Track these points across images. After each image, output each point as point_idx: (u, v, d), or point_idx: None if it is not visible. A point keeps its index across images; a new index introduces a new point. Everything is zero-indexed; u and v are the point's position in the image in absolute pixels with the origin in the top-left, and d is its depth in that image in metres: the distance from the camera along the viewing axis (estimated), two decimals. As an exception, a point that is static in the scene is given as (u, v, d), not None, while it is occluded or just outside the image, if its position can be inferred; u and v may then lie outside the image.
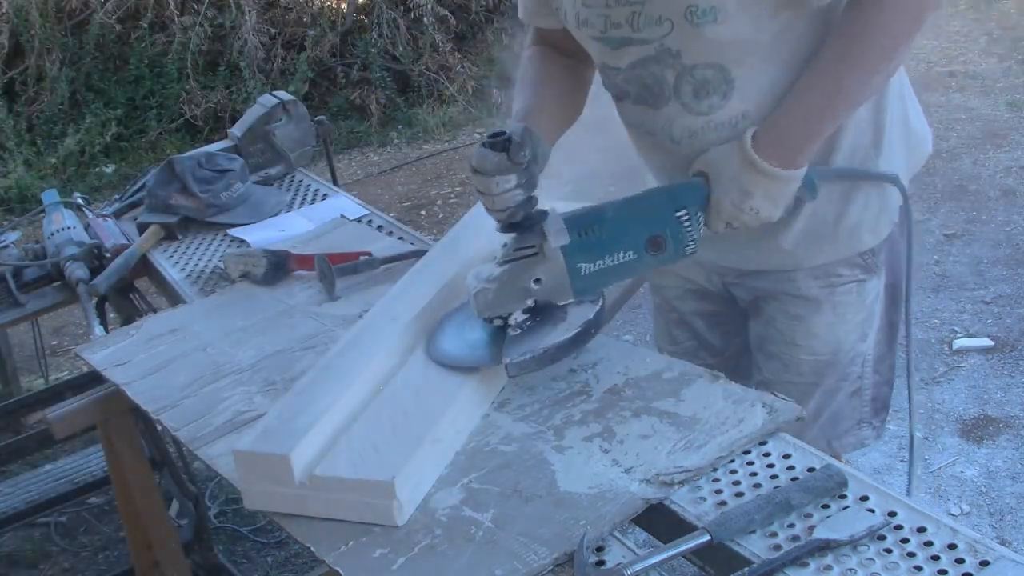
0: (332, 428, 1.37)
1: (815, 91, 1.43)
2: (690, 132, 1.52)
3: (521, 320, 1.48)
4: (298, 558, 2.88)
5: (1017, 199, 4.39)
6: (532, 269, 1.46)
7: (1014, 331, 3.44)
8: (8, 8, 6.32)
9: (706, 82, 1.46)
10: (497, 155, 1.41)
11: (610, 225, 1.46)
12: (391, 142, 6.34)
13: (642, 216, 1.47)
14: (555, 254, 1.44)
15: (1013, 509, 2.69)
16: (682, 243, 1.47)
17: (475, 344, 1.50)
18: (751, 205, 1.45)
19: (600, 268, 1.46)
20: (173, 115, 6.41)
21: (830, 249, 1.60)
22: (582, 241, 1.45)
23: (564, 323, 1.46)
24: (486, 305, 1.48)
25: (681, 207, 1.46)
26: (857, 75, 1.41)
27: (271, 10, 6.86)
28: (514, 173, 1.41)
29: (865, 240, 1.61)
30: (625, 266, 1.47)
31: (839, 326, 1.65)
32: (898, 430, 3.01)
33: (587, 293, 1.48)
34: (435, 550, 1.20)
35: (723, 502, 1.22)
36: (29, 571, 2.99)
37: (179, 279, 2.20)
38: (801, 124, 1.44)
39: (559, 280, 1.46)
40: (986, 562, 1.06)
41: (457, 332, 1.55)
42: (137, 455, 2.11)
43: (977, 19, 6.69)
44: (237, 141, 2.71)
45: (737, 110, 1.48)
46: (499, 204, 1.43)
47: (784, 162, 1.43)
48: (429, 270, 1.75)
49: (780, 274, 1.65)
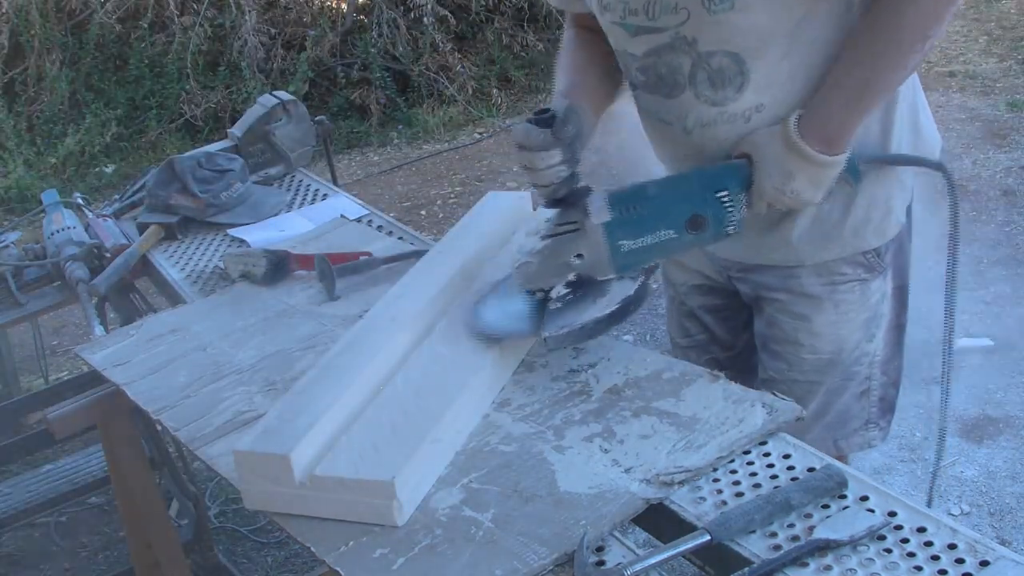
0: (332, 428, 1.37)
1: (853, 74, 1.43)
2: (703, 123, 1.52)
3: (562, 294, 1.50)
4: (298, 558, 2.88)
5: (1017, 199, 4.39)
6: (574, 244, 1.47)
7: (1014, 331, 3.43)
8: (8, 8, 6.31)
9: (721, 71, 1.46)
10: (542, 131, 1.43)
11: (652, 203, 1.47)
12: (391, 142, 6.34)
13: (684, 195, 1.48)
14: (597, 230, 1.46)
15: (1013, 509, 2.69)
16: (723, 223, 1.48)
17: (516, 315, 1.52)
18: (793, 188, 1.46)
19: (641, 245, 1.47)
20: (173, 115, 6.41)
21: (834, 247, 1.61)
22: (624, 218, 1.46)
23: (604, 299, 1.48)
24: (528, 278, 1.50)
25: (723, 187, 1.47)
26: (894, 55, 1.42)
27: (271, 10, 6.86)
28: (558, 148, 1.43)
29: (869, 240, 1.61)
30: (666, 244, 1.48)
31: (842, 325, 1.65)
32: (898, 430, 3.01)
33: (628, 270, 1.50)
34: (435, 550, 1.20)
35: (723, 502, 1.22)
36: (29, 571, 2.99)
37: (179, 279, 2.20)
38: (841, 108, 1.44)
39: (600, 256, 1.47)
40: (986, 562, 1.06)
41: (499, 303, 1.57)
42: (137, 455, 2.11)
43: (977, 19, 6.69)
44: (237, 141, 2.71)
45: (751, 102, 1.48)
46: (543, 179, 1.45)
47: (826, 146, 1.44)
48: (429, 270, 1.75)
49: (783, 270, 1.65)
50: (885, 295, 1.67)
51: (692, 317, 1.89)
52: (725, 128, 1.51)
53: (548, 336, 1.46)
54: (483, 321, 1.54)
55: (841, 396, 1.71)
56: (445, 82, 6.59)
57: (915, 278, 1.73)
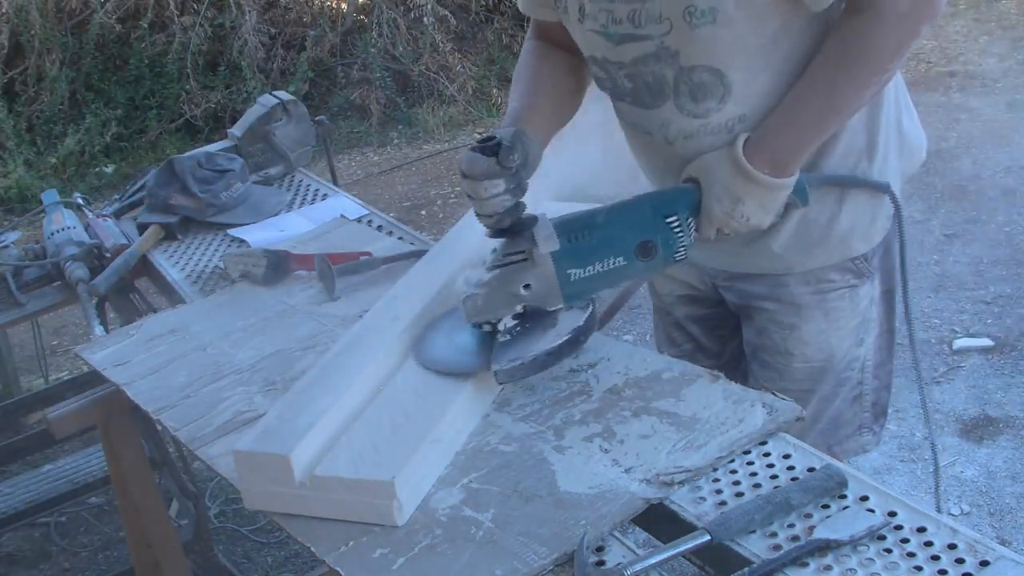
0: (332, 428, 1.37)
1: (808, 100, 1.43)
2: (685, 134, 1.51)
3: (511, 326, 1.47)
4: (298, 558, 2.88)
5: (1017, 199, 4.39)
6: (522, 275, 1.45)
7: (1014, 331, 3.43)
8: (8, 8, 6.32)
9: (703, 85, 1.46)
10: (486, 159, 1.40)
11: (600, 231, 1.45)
12: (391, 142, 6.34)
13: (632, 222, 1.46)
14: (545, 260, 1.43)
15: (1013, 509, 2.69)
16: (672, 249, 1.47)
17: (465, 349, 1.49)
18: (742, 212, 1.45)
19: (590, 274, 1.45)
20: (173, 115, 6.41)
21: (821, 254, 1.59)
22: (572, 247, 1.44)
23: (554, 329, 1.45)
24: (476, 310, 1.46)
25: (671, 213, 1.46)
26: (852, 86, 1.41)
27: (271, 10, 6.86)
28: (502, 178, 1.40)
29: (857, 246, 1.60)
30: (615, 272, 1.46)
31: (832, 333, 1.64)
32: (898, 430, 3.01)
33: (577, 299, 1.48)
34: (435, 550, 1.20)
35: (723, 502, 1.22)
36: (29, 571, 2.99)
37: (179, 279, 2.20)
38: (793, 133, 1.44)
39: (549, 286, 1.45)
40: (986, 562, 1.06)
41: (447, 337, 1.53)
42: (137, 455, 2.11)
43: (977, 19, 6.69)
44: (237, 141, 2.71)
45: (733, 114, 1.47)
46: (487, 209, 1.42)
47: (775, 170, 1.43)
48: (429, 270, 1.75)
49: (770, 278, 1.63)
50: (873, 300, 1.66)
51: (678, 327, 1.88)
52: (709, 140, 1.50)
53: (498, 370, 1.41)
54: (430, 356, 1.51)
55: (833, 402, 1.70)
56: (445, 82, 6.59)
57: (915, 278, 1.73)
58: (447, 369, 1.47)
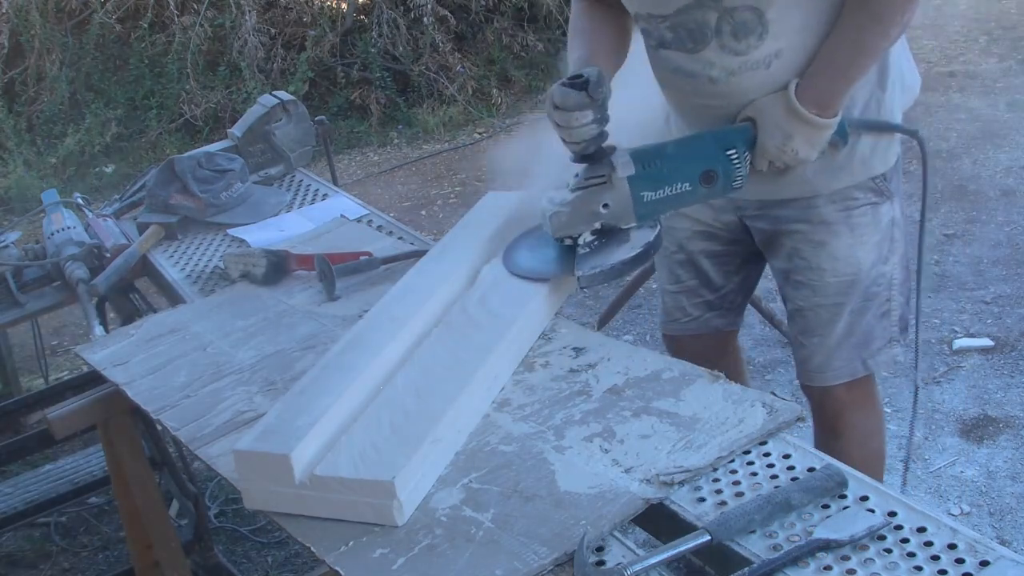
0: (332, 428, 1.37)
1: (843, 46, 1.61)
2: (728, 71, 1.67)
3: (590, 240, 1.67)
4: (298, 558, 2.87)
5: (1017, 199, 4.39)
6: (601, 195, 1.64)
7: (1014, 331, 3.43)
8: (8, 8, 6.31)
9: (744, 23, 1.62)
10: (578, 93, 1.57)
11: (670, 159, 1.66)
12: (391, 142, 6.34)
13: (697, 153, 1.67)
14: (622, 183, 1.63)
15: (1013, 509, 2.69)
16: (731, 178, 1.67)
17: (548, 259, 1.70)
18: (792, 147, 1.64)
19: (661, 196, 1.65)
20: (173, 115, 6.40)
21: (845, 176, 1.76)
22: (646, 172, 1.64)
23: (627, 244, 1.65)
24: (560, 225, 1.67)
25: (731, 146, 1.66)
26: (878, 28, 1.60)
27: (271, 10, 6.86)
28: (591, 109, 1.57)
29: (876, 166, 1.77)
30: (682, 195, 1.67)
31: (858, 247, 1.80)
32: (898, 430, 3.01)
33: (648, 218, 1.67)
34: (435, 550, 1.20)
35: (723, 502, 1.22)
36: (29, 571, 2.98)
37: (179, 279, 2.20)
38: (834, 76, 1.62)
39: (624, 206, 1.65)
40: (986, 562, 1.07)
41: (531, 249, 1.75)
42: (137, 455, 2.11)
43: (977, 19, 6.68)
44: (237, 141, 2.71)
45: (771, 49, 1.64)
46: (576, 136, 1.60)
47: (821, 110, 1.62)
48: (429, 270, 1.75)
49: (801, 202, 1.79)
50: (894, 220, 1.82)
51: (687, 263, 2.02)
52: (749, 75, 1.66)
53: (582, 275, 1.62)
54: (519, 265, 1.72)
55: (864, 316, 1.85)
56: (445, 82, 6.59)
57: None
58: (534, 275, 1.69)
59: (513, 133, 6.15)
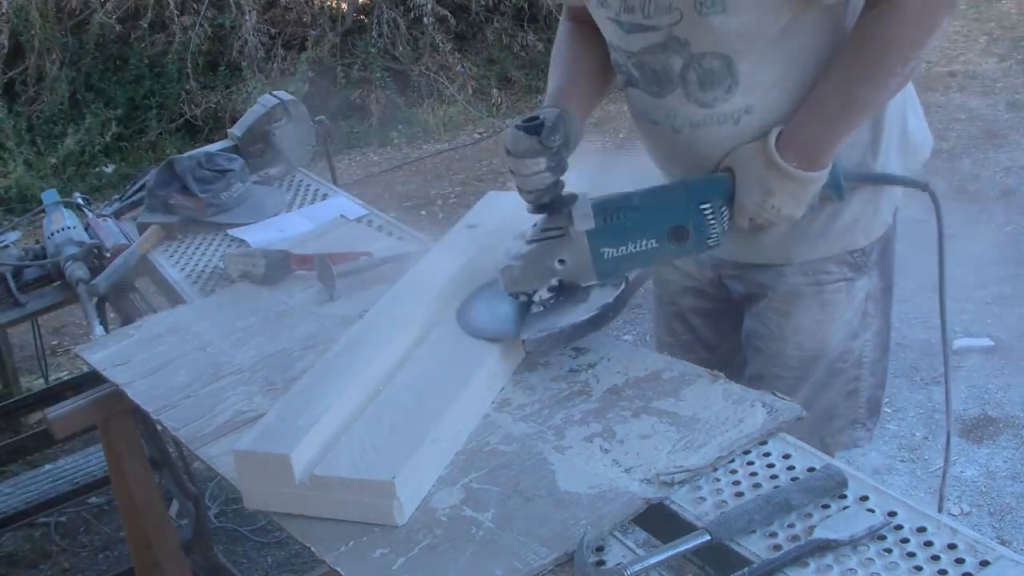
0: (332, 428, 1.37)
1: (832, 95, 1.45)
2: (692, 123, 1.54)
3: (545, 298, 1.54)
4: (298, 558, 2.87)
5: (1017, 199, 4.39)
6: (557, 250, 1.51)
7: (1014, 331, 3.43)
8: (8, 8, 6.31)
9: (712, 72, 1.48)
10: (529, 138, 1.46)
11: (635, 212, 1.50)
12: (391, 142, 6.34)
13: (667, 206, 1.51)
14: (580, 237, 1.50)
15: (1013, 509, 2.69)
16: (704, 235, 1.50)
17: (501, 317, 1.57)
18: (773, 203, 1.48)
19: (623, 253, 1.51)
20: (173, 115, 6.40)
21: (821, 246, 1.62)
22: (607, 226, 1.49)
23: (584, 304, 1.52)
24: (512, 281, 1.54)
25: (705, 200, 1.50)
26: (872, 80, 1.43)
27: (271, 10, 6.86)
28: (544, 156, 1.46)
29: (857, 239, 1.63)
30: (647, 253, 1.51)
31: (826, 324, 1.67)
32: (898, 430, 3.01)
33: (610, 277, 1.53)
34: (435, 550, 1.20)
35: (723, 502, 1.22)
36: (29, 571, 2.99)
37: (179, 279, 2.20)
38: (820, 127, 1.46)
39: (583, 262, 1.51)
40: (986, 562, 1.06)
41: (487, 305, 1.62)
42: (137, 455, 2.11)
43: (977, 19, 6.69)
44: (237, 141, 2.71)
45: (740, 104, 1.50)
46: (529, 185, 1.49)
47: (805, 163, 1.46)
48: (429, 270, 1.75)
49: (773, 268, 1.67)
50: (870, 295, 1.68)
51: (679, 318, 1.91)
52: (715, 129, 1.52)
53: (526, 339, 1.50)
54: (468, 321, 1.59)
55: (827, 393, 1.72)
56: (445, 82, 6.59)
57: (916, 278, 1.74)
58: (480, 334, 1.55)
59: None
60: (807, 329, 1.67)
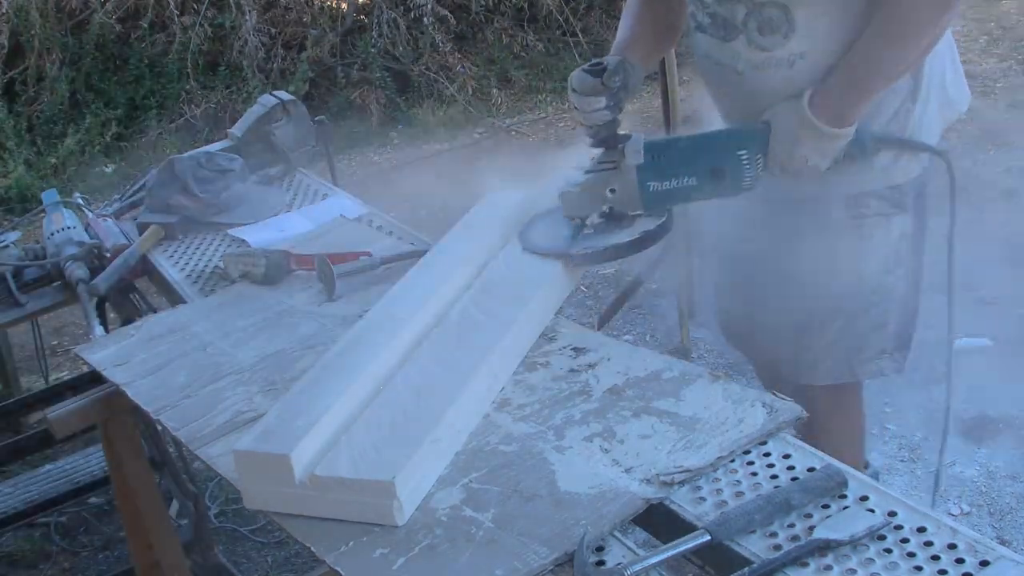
0: (332, 428, 1.37)
1: (862, 61, 1.62)
2: (753, 64, 1.72)
3: (596, 222, 1.75)
4: (298, 558, 2.87)
5: (1017, 199, 4.38)
6: (610, 180, 1.72)
7: (1014, 331, 3.43)
8: (8, 8, 6.31)
9: (770, 20, 1.67)
10: (593, 79, 1.67)
11: (680, 153, 1.70)
12: (391, 142, 6.33)
13: (708, 149, 1.70)
14: (630, 171, 1.70)
15: (1013, 509, 2.69)
16: (740, 178, 1.68)
17: (556, 237, 1.77)
18: (800, 154, 1.66)
19: (666, 188, 1.70)
20: (173, 115, 6.40)
21: (863, 180, 1.77)
22: (654, 163, 1.69)
23: (628, 229, 1.71)
24: (569, 204, 1.76)
25: (743, 147, 1.67)
26: (894, 50, 1.61)
27: (271, 10, 6.85)
28: (604, 95, 1.67)
29: (895, 176, 1.78)
30: (688, 189, 1.70)
31: (864, 255, 1.81)
32: (898, 430, 3.01)
33: (654, 208, 1.72)
34: (435, 550, 1.20)
35: (723, 502, 1.22)
36: (29, 571, 2.99)
37: (179, 279, 2.20)
38: (849, 89, 1.63)
39: (631, 193, 1.72)
40: (986, 562, 1.07)
41: (546, 227, 1.82)
42: (137, 455, 2.11)
43: (977, 19, 6.68)
44: (237, 141, 2.71)
45: (795, 50, 1.68)
46: (589, 120, 1.70)
47: (832, 121, 1.63)
48: (429, 270, 1.75)
49: (815, 203, 1.80)
50: (904, 234, 1.82)
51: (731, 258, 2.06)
52: (772, 72, 1.70)
53: (575, 253, 1.70)
54: (527, 239, 1.79)
55: (858, 324, 1.86)
56: (445, 82, 6.59)
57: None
58: (537, 251, 1.75)
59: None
60: (846, 261, 1.81)
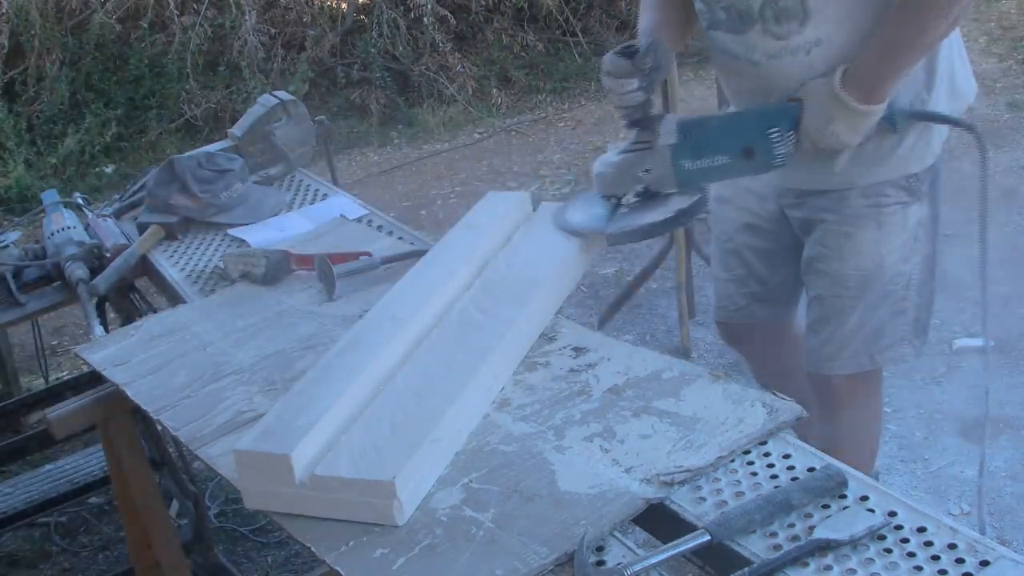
0: (332, 428, 1.37)
1: (890, 38, 1.65)
2: (769, 54, 1.76)
3: (632, 201, 1.78)
4: (298, 558, 2.87)
5: (1017, 199, 4.39)
6: (644, 160, 1.75)
7: (1014, 331, 3.43)
8: (8, 8, 6.31)
9: (786, 9, 1.70)
10: (625, 61, 1.70)
11: (713, 132, 1.74)
12: (391, 142, 6.33)
13: (740, 128, 1.74)
14: (664, 150, 1.74)
15: (1013, 509, 2.69)
16: (771, 156, 1.71)
17: (593, 216, 1.80)
18: (832, 130, 1.69)
19: (699, 167, 1.74)
20: (173, 115, 6.40)
21: (881, 170, 1.82)
22: (687, 142, 1.73)
23: (662, 208, 1.74)
24: (605, 184, 1.80)
25: (774, 125, 1.70)
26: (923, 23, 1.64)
27: (271, 10, 6.85)
28: (636, 77, 1.70)
29: (912, 165, 1.83)
30: (721, 168, 1.74)
31: (883, 243, 1.85)
32: (898, 430, 3.01)
33: (687, 186, 1.75)
34: (435, 550, 1.20)
35: (723, 502, 1.22)
36: (29, 571, 2.99)
37: (179, 279, 2.20)
38: (878, 66, 1.66)
39: (665, 172, 1.75)
40: (986, 562, 1.07)
41: (583, 205, 1.85)
42: (137, 455, 2.11)
43: (977, 19, 6.68)
44: (237, 141, 2.71)
45: (811, 37, 1.71)
46: (623, 102, 1.73)
47: (862, 98, 1.66)
48: (429, 270, 1.75)
49: (835, 193, 1.86)
50: (921, 221, 1.87)
51: (735, 254, 2.12)
52: (788, 60, 1.74)
53: (609, 232, 1.74)
54: (562, 220, 1.82)
55: (878, 312, 1.90)
56: (445, 82, 6.59)
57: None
58: (574, 229, 1.79)
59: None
60: (866, 249, 1.86)
